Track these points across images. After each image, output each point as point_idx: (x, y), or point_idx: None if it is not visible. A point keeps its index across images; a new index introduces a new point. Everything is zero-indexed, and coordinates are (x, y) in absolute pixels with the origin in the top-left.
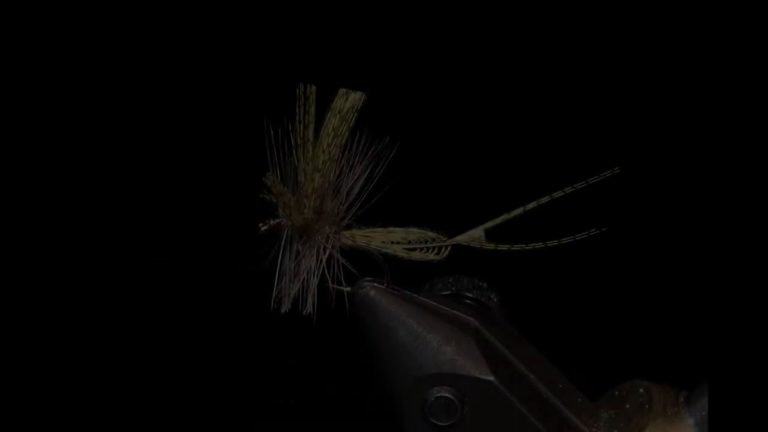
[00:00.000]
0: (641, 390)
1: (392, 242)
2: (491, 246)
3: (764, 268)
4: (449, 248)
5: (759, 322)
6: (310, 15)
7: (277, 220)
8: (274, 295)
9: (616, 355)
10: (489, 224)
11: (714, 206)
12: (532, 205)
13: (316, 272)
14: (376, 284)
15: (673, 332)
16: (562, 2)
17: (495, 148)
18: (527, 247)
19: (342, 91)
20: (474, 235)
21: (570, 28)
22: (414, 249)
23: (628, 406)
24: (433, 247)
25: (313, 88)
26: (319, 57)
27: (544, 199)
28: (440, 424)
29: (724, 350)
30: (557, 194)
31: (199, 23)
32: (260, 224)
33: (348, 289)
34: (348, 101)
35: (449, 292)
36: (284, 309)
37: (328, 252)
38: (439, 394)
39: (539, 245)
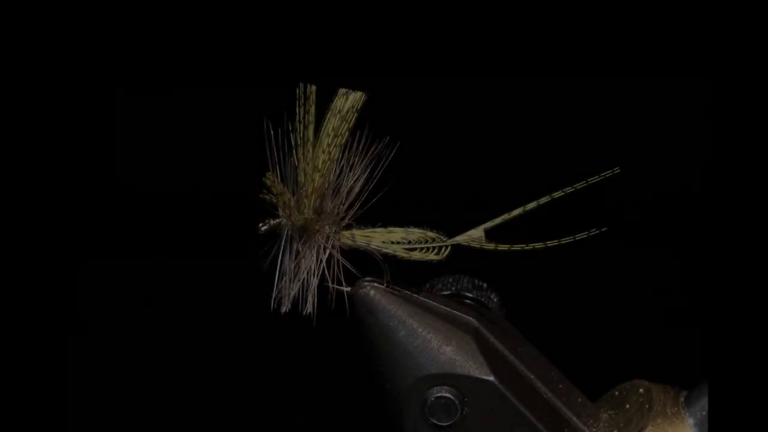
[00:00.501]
0: (641, 390)
1: (392, 242)
2: (491, 246)
3: (764, 268)
4: (449, 248)
5: (759, 322)
6: (310, 15)
7: (277, 220)
8: (274, 295)
9: (616, 355)
10: (489, 224)
11: (714, 206)
12: (532, 205)
13: (316, 272)
14: (376, 284)
15: (673, 332)
16: (561, 3)
17: (495, 148)
18: (527, 247)
19: (342, 91)
20: (474, 235)
21: (570, 29)
22: (414, 249)
23: (628, 406)
24: (433, 247)
25: (313, 88)
26: (319, 57)
27: (544, 199)
28: (440, 424)
29: (724, 350)
30: (557, 194)
31: (200, 23)
32: (260, 224)
33: (348, 289)
34: (348, 101)
35: (449, 292)
36: (284, 309)
37: (328, 252)
38: (439, 394)
39: (539, 245)
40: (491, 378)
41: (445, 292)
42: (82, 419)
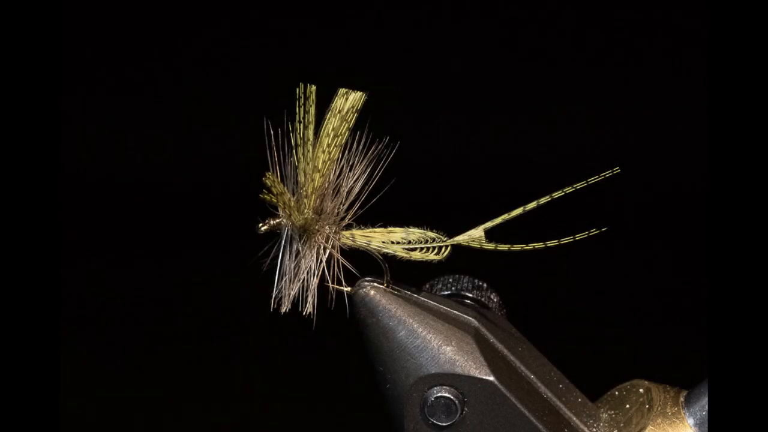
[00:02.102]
0: (641, 390)
1: (392, 242)
2: (491, 246)
3: (764, 268)
4: (449, 248)
5: (759, 321)
6: (311, 15)
7: (277, 220)
8: (274, 295)
9: (616, 355)
10: (489, 224)
11: (714, 205)
12: (532, 205)
13: (316, 272)
14: (376, 284)
15: (673, 332)
16: (562, 3)
17: (494, 148)
18: (527, 247)
19: (342, 91)
20: (474, 235)
21: (570, 29)
22: (414, 249)
23: (628, 406)
24: (433, 247)
25: (313, 88)
26: (319, 57)
27: (544, 199)
28: (440, 424)
29: (724, 350)
30: (557, 194)
31: (200, 23)
32: (260, 224)
33: (348, 289)
34: (348, 101)
35: (449, 292)
36: (284, 309)
37: (328, 252)
38: (439, 394)
39: (539, 245)
40: (491, 378)
41: (445, 292)
42: (81, 419)
